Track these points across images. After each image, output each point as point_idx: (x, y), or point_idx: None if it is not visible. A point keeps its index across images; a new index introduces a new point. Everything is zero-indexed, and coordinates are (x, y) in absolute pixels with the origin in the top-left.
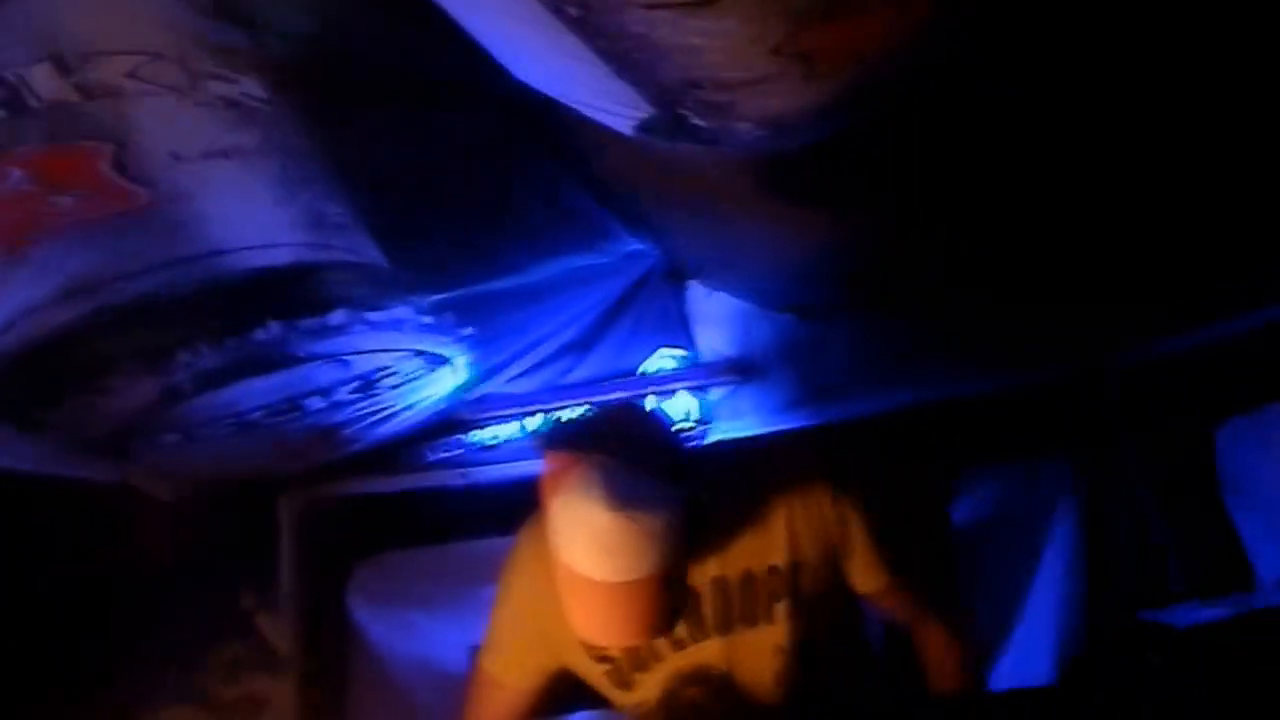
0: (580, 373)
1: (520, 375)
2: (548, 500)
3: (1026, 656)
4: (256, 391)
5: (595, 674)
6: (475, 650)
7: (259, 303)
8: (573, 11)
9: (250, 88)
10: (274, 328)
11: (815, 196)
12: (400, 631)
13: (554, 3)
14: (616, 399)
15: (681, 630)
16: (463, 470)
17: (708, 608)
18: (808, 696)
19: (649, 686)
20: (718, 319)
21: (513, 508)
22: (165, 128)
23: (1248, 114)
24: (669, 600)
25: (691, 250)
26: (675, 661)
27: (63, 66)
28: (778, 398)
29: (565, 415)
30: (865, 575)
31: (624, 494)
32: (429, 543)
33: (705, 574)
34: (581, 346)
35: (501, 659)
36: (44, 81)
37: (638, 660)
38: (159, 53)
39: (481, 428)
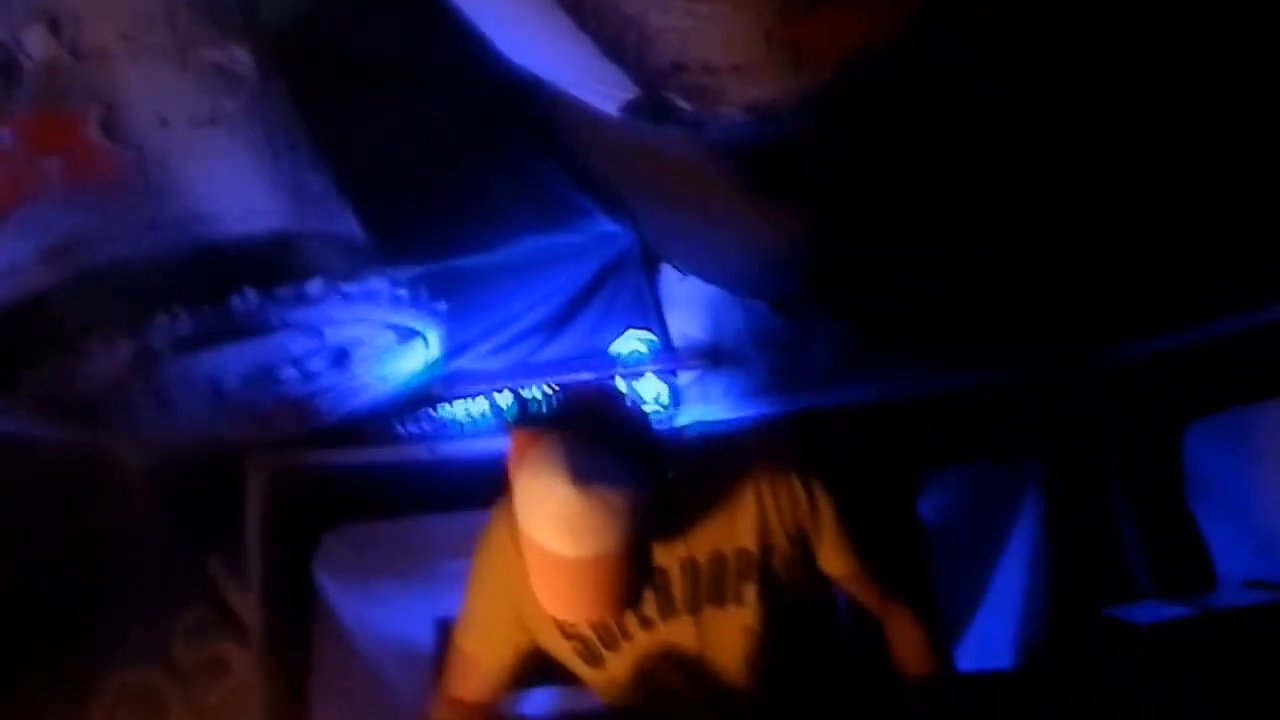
0: (550, 352)
1: (491, 352)
2: (513, 477)
3: (987, 648)
4: (231, 359)
5: (566, 651)
6: (440, 622)
7: (236, 269)
8: None
9: (239, 55)
10: (251, 295)
11: (792, 188)
12: (365, 602)
13: None
14: (586, 379)
15: (650, 609)
16: (431, 445)
17: (677, 588)
18: (776, 678)
19: (618, 665)
20: (689, 304)
21: (480, 483)
22: (154, 91)
23: (1225, 120)
24: (632, 577)
25: (665, 234)
26: (645, 640)
27: (56, 27)
28: (747, 385)
29: (534, 393)
30: (834, 559)
31: (587, 469)
32: (396, 516)
33: (674, 555)
34: (552, 326)
35: (476, 636)
36: (37, 42)
37: (607, 638)
38: (151, 15)
39: (451, 403)
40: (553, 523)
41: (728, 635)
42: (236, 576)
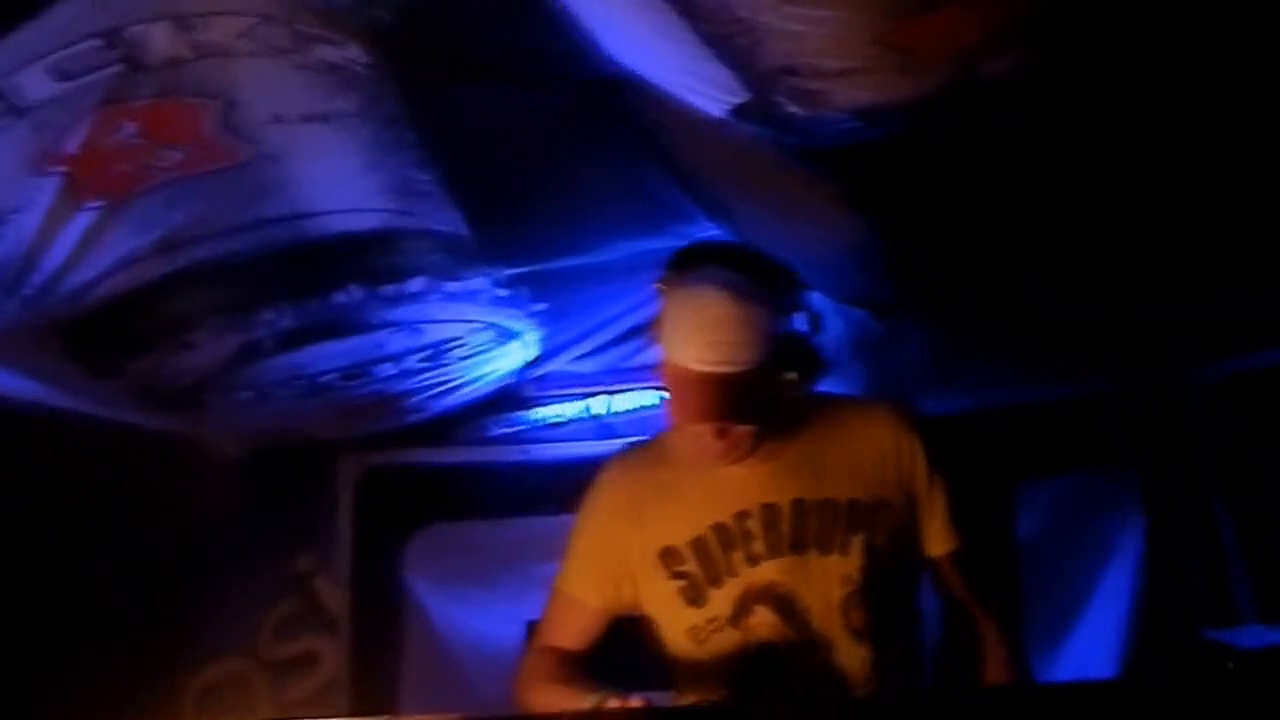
0: (646, 356)
1: (586, 355)
2: (665, 312)
3: (1085, 667)
4: (331, 354)
5: (668, 592)
6: (530, 625)
7: (342, 266)
8: None
9: (353, 53)
10: (354, 291)
11: (895, 192)
12: (452, 601)
13: None
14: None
15: (758, 546)
16: (523, 446)
17: (785, 525)
18: (863, 633)
19: (720, 602)
20: None
21: (571, 487)
22: (270, 88)
23: None
24: (760, 396)
25: (764, 238)
26: (748, 577)
27: (181, 24)
28: (845, 390)
29: (630, 398)
30: (937, 535)
31: (739, 288)
32: (485, 516)
33: (787, 494)
34: (649, 330)
35: (580, 579)
36: (162, 38)
37: (713, 574)
38: (270, 15)
39: (545, 405)
40: (701, 332)
41: (825, 580)
42: (327, 572)
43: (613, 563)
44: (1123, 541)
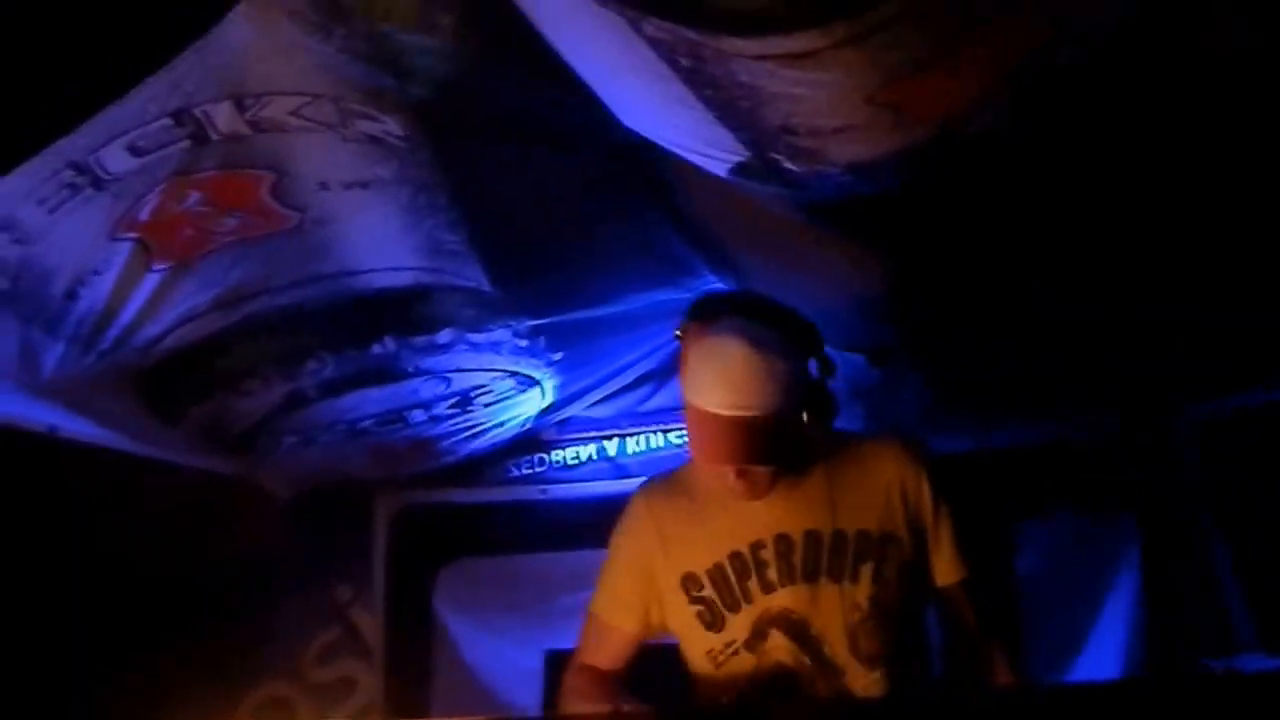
0: (657, 401)
1: (601, 401)
2: (687, 358)
3: None
4: (368, 401)
5: (688, 617)
6: (549, 654)
7: (379, 319)
8: (685, 62)
9: (392, 126)
10: (390, 343)
11: (888, 242)
12: (478, 629)
13: (668, 53)
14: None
15: (772, 574)
16: (543, 486)
17: (798, 556)
18: (872, 659)
19: (737, 628)
20: None
21: (587, 524)
22: (318, 160)
23: None
24: (778, 441)
25: (767, 288)
26: (763, 604)
27: (241, 104)
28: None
29: (641, 440)
30: (945, 565)
31: (760, 339)
32: (508, 551)
33: (800, 525)
34: (660, 376)
35: (610, 603)
36: (224, 117)
37: (730, 600)
38: (319, 94)
39: (563, 448)
40: (724, 381)
41: (836, 607)
42: (364, 603)
43: (641, 587)
44: (1120, 578)
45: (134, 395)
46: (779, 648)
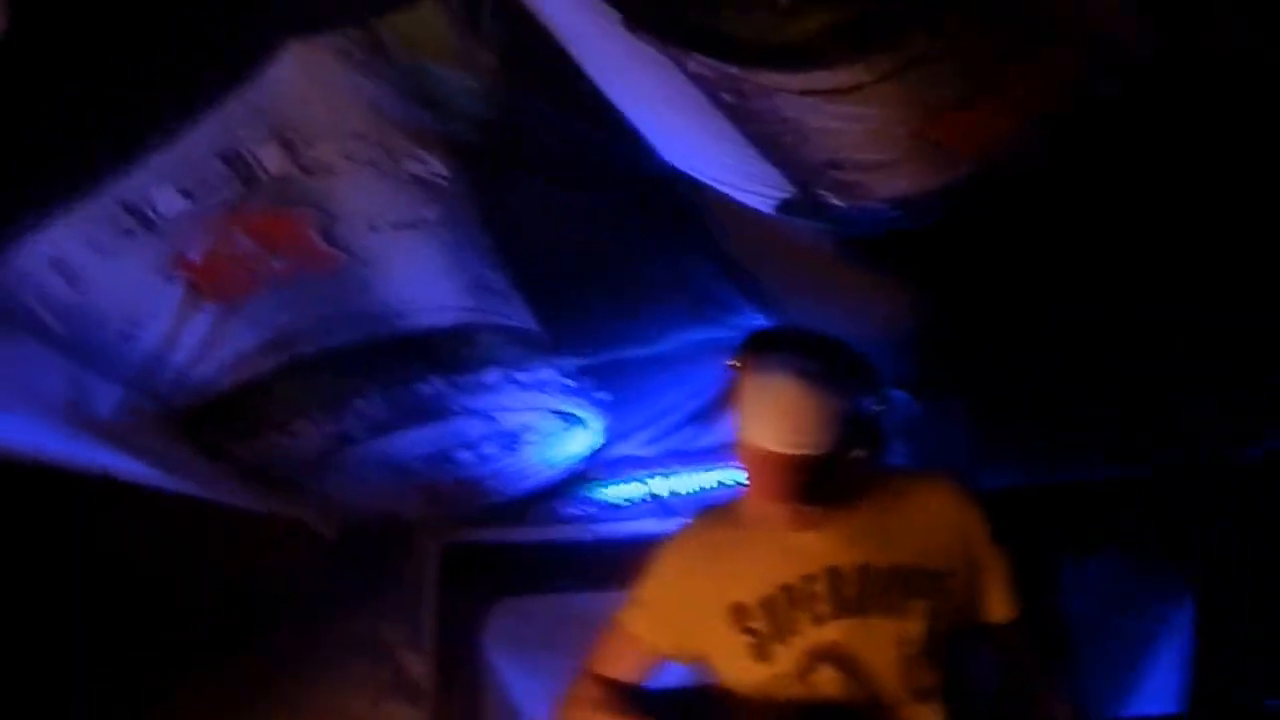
0: (704, 440)
1: (648, 440)
2: (739, 394)
3: None
4: (415, 441)
5: (735, 646)
6: None
7: (425, 359)
8: (728, 98)
9: (436, 166)
10: (436, 383)
11: (930, 276)
12: (526, 669)
13: (712, 90)
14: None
15: (823, 606)
16: (590, 525)
17: (849, 589)
18: (924, 693)
19: (786, 659)
20: None
21: (635, 564)
22: (364, 200)
23: None
24: (832, 477)
25: (808, 322)
26: (813, 637)
27: (289, 146)
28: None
29: (688, 479)
30: (998, 602)
31: (816, 375)
32: (555, 591)
33: (852, 559)
34: (706, 416)
35: (643, 617)
36: (272, 157)
37: (780, 632)
38: (366, 134)
39: (609, 487)
40: (780, 419)
41: (885, 641)
42: (411, 643)
43: (681, 611)
44: (1172, 616)
45: (183, 435)
46: (828, 680)
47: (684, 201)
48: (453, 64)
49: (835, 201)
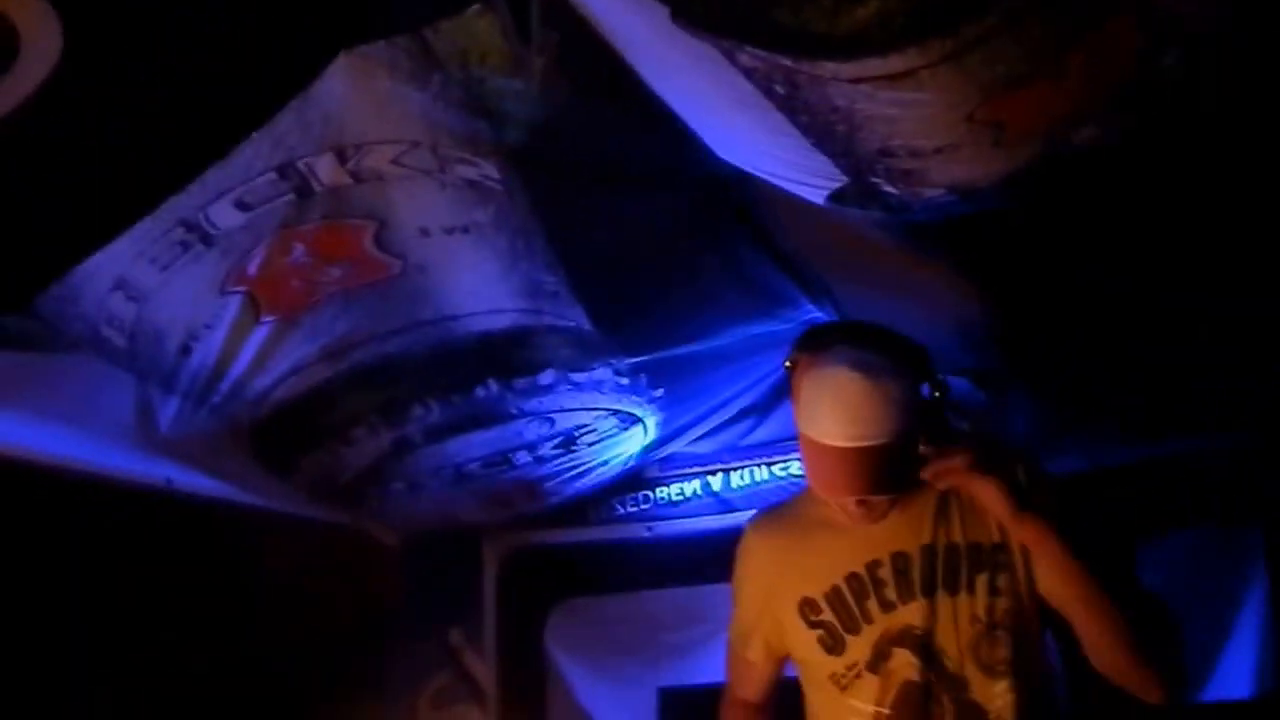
0: (759, 435)
1: (703, 436)
2: (799, 388)
3: None
4: (474, 445)
5: (808, 641)
6: (662, 691)
7: (481, 363)
8: (780, 89)
9: (488, 170)
10: (493, 386)
11: (991, 263)
12: (591, 671)
13: (763, 81)
14: (794, 459)
15: (891, 592)
16: (648, 524)
17: (915, 572)
18: (996, 669)
19: (859, 649)
20: None
21: (694, 560)
22: (417, 207)
23: None
24: (896, 467)
25: (867, 315)
26: (883, 624)
27: (342, 156)
28: None
29: (744, 474)
30: (1046, 575)
31: (875, 366)
32: (616, 590)
33: (915, 541)
34: (762, 410)
35: (740, 636)
36: (326, 168)
37: (850, 623)
38: (417, 141)
39: (667, 485)
40: (840, 413)
41: (955, 620)
42: (476, 647)
43: (757, 617)
44: (1248, 596)
45: (245, 447)
46: (904, 665)
47: (738, 197)
48: (503, 69)
49: (890, 189)
